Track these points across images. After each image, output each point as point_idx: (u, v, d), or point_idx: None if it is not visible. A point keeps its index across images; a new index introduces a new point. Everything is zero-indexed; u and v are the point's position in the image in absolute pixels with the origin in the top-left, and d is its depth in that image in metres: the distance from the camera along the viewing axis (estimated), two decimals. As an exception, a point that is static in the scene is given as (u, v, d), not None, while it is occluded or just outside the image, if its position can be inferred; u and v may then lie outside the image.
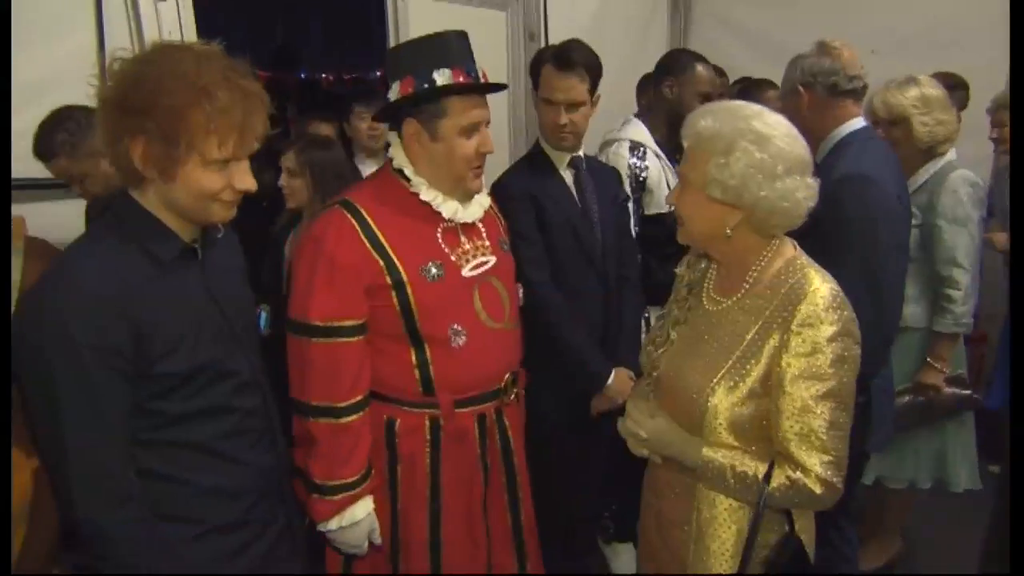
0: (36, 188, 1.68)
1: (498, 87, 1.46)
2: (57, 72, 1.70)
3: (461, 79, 1.35)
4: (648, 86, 2.87)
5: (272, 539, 1.19)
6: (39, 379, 0.98)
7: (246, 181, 1.06)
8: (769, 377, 1.08)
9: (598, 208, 1.88)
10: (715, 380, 1.12)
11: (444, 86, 1.34)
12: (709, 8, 3.40)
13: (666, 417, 1.18)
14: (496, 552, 1.56)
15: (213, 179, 1.03)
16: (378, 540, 1.44)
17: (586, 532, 2.17)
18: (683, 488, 1.19)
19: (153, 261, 1.05)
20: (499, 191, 1.82)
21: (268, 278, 2.11)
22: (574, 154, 1.87)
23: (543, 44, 2.75)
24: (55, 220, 1.31)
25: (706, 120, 1.10)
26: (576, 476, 1.95)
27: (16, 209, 1.27)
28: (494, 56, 2.71)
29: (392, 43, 2.35)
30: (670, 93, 2.19)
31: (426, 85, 1.35)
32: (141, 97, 0.97)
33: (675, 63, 2.25)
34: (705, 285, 1.24)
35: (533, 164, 1.89)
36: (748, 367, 1.10)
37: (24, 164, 1.63)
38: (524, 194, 1.79)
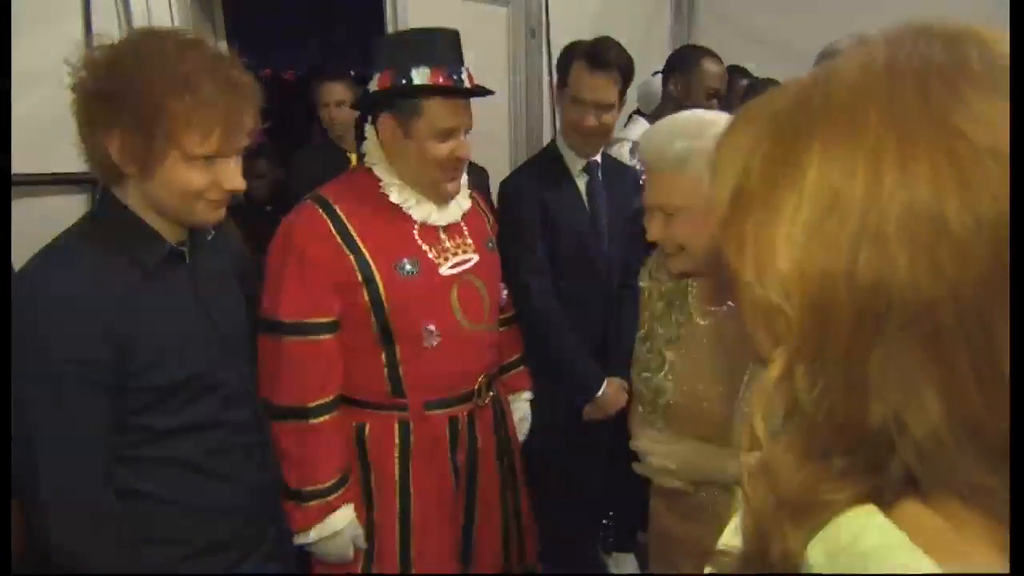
0: (30, 184, 1.62)
1: (483, 92, 1.38)
2: (43, 63, 1.63)
3: (440, 80, 1.30)
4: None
5: (261, 560, 1.15)
6: (14, 395, 0.92)
7: (234, 180, 0.99)
8: None
9: (607, 218, 1.83)
10: (741, 393, 1.07)
11: (420, 86, 1.29)
12: (712, 6, 3.36)
13: (688, 440, 1.13)
14: (482, 558, 1.52)
15: (196, 176, 0.96)
16: (363, 545, 1.40)
17: (585, 543, 2.13)
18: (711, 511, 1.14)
19: (137, 266, 0.99)
20: (508, 190, 1.78)
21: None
22: (591, 158, 1.83)
23: (544, 41, 2.70)
24: (51, 216, 1.25)
25: (680, 141, 1.03)
26: (574, 486, 1.91)
27: (15, 204, 1.21)
28: (494, 52, 2.66)
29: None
30: (676, 90, 2.15)
31: (403, 81, 1.30)
32: (117, 85, 0.91)
33: (681, 60, 2.21)
34: (689, 297, 1.18)
35: (546, 166, 1.84)
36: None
37: (21, 157, 1.57)
38: (533, 197, 1.75)
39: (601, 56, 1.71)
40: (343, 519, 1.35)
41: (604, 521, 2.23)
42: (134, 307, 0.97)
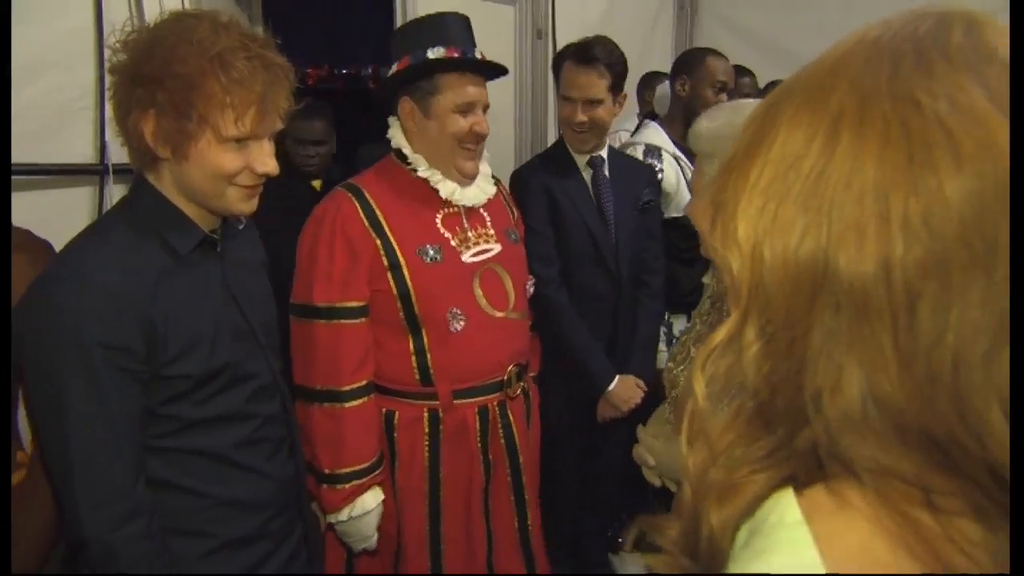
0: (37, 174, 1.61)
1: (495, 67, 1.43)
2: (54, 52, 1.63)
3: (456, 55, 1.34)
4: (648, 85, 2.86)
5: (288, 554, 1.14)
6: (44, 381, 0.91)
7: (267, 163, 0.99)
8: None
9: (615, 209, 1.85)
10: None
11: (436, 60, 1.33)
12: (714, 9, 3.39)
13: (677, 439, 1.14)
14: (500, 552, 1.53)
15: (229, 159, 0.95)
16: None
17: (596, 544, 2.13)
18: None
19: (170, 253, 0.98)
20: (516, 182, 1.80)
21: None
22: (594, 154, 1.85)
23: (551, 41, 2.71)
24: (57, 207, 1.24)
25: (707, 122, 1.05)
26: (585, 484, 1.92)
27: (21, 196, 1.20)
28: (501, 52, 2.65)
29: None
30: (683, 91, 2.17)
31: (418, 62, 1.34)
32: (152, 66, 0.90)
33: (685, 60, 2.23)
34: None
35: (553, 159, 1.87)
36: None
37: (27, 147, 1.55)
38: (540, 187, 1.77)
39: (587, 52, 1.74)
40: (374, 499, 1.37)
41: (616, 523, 2.23)
42: (167, 295, 0.96)
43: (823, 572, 0.39)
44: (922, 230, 0.36)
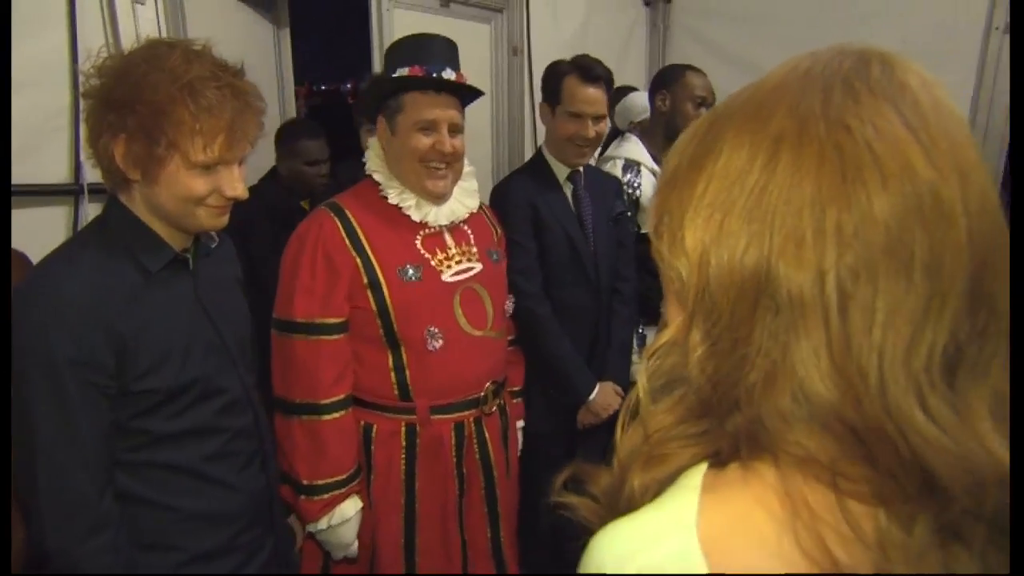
0: (16, 195, 1.61)
1: (464, 88, 1.43)
2: (29, 73, 1.64)
3: (419, 74, 1.36)
4: (617, 100, 2.91)
5: (257, 567, 1.15)
6: (14, 394, 0.92)
7: (236, 188, 1.01)
8: None
9: (592, 221, 1.89)
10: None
11: (397, 78, 1.36)
12: (685, 26, 3.47)
13: None
14: (475, 563, 1.55)
15: (198, 183, 0.98)
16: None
17: (575, 549, 2.15)
18: None
19: (140, 271, 1.00)
20: (498, 197, 1.83)
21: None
22: (574, 168, 1.89)
23: (526, 58, 2.76)
24: (32, 226, 1.24)
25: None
26: (564, 489, 1.93)
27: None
28: (477, 69, 2.70)
29: (376, 54, 2.33)
30: (664, 106, 2.22)
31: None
32: (123, 92, 0.93)
33: (665, 76, 2.29)
34: None
35: (535, 173, 1.90)
36: None
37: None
38: (523, 201, 1.80)
39: (592, 70, 1.79)
40: (352, 508, 1.39)
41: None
42: (137, 311, 0.98)
43: (694, 525, 0.44)
44: (854, 240, 0.41)
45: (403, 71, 1.36)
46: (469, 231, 1.52)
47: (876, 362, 0.40)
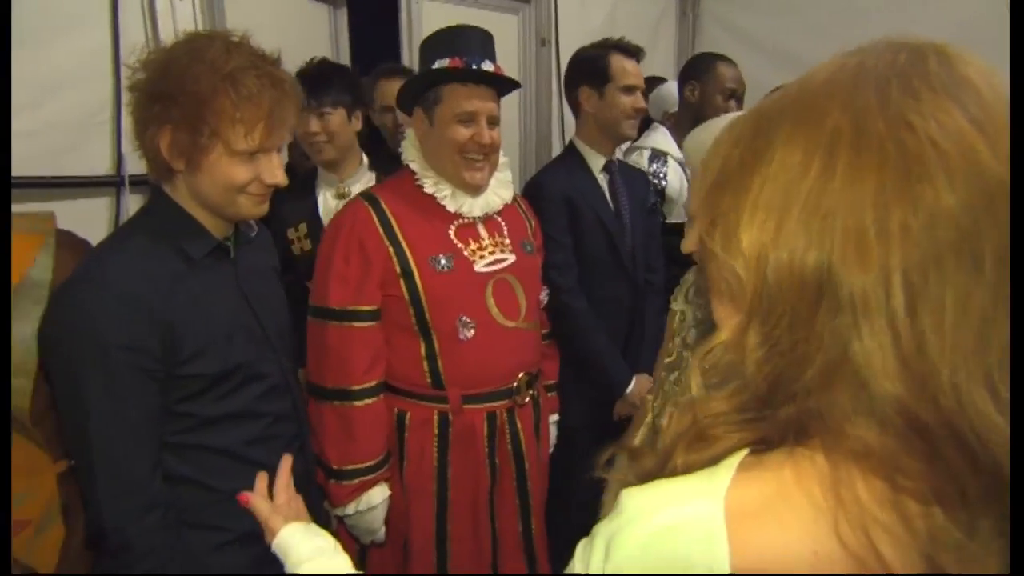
0: (58, 186, 1.67)
1: (502, 80, 1.45)
2: (73, 70, 1.70)
3: (459, 66, 1.38)
4: (650, 90, 2.90)
5: None
6: (67, 380, 0.96)
7: (276, 175, 1.04)
8: None
9: (629, 212, 1.90)
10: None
11: (436, 71, 1.38)
12: (716, 15, 3.42)
13: None
14: (504, 555, 1.56)
15: (239, 170, 1.01)
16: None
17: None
18: None
19: (184, 258, 1.03)
20: (533, 191, 1.84)
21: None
22: (609, 157, 1.90)
23: (554, 49, 2.76)
24: (77, 217, 1.29)
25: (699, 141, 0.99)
26: (600, 486, 1.95)
27: (43, 206, 1.26)
28: (505, 60, 2.69)
29: (405, 47, 2.35)
30: (693, 96, 2.21)
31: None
32: (167, 84, 0.96)
33: (695, 66, 2.28)
34: None
35: (569, 165, 1.91)
36: None
37: (48, 160, 1.62)
38: (559, 196, 1.81)
39: (631, 45, 1.89)
40: (380, 495, 1.41)
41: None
42: (181, 299, 1.01)
43: (722, 494, 0.46)
44: (922, 238, 0.40)
45: (442, 62, 1.38)
46: (503, 222, 1.53)
47: (949, 358, 0.40)
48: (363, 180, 1.88)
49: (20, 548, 1.08)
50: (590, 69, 1.90)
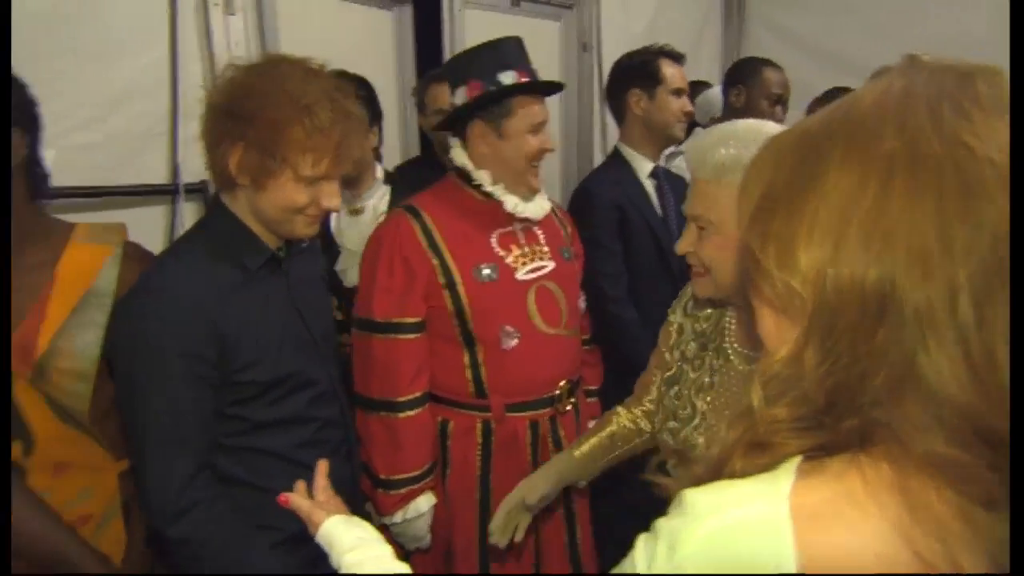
0: (120, 195, 1.75)
1: (558, 86, 1.54)
2: (135, 84, 1.78)
3: (526, 79, 1.41)
4: (694, 95, 2.86)
5: None
6: (126, 384, 1.01)
7: (332, 201, 1.08)
8: None
9: (676, 218, 1.89)
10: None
11: (511, 86, 1.40)
12: (762, 16, 3.36)
13: None
14: (549, 563, 1.56)
15: (300, 194, 1.05)
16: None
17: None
18: None
19: (241, 268, 1.07)
20: (582, 199, 1.84)
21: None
22: (656, 162, 1.89)
23: (596, 55, 2.75)
24: (136, 224, 1.35)
25: (725, 148, 0.96)
26: (642, 494, 1.93)
27: (105, 215, 1.32)
28: (546, 66, 2.72)
29: (447, 53, 2.38)
30: (738, 101, 2.19)
31: (492, 87, 1.39)
32: (246, 105, 1.00)
33: (741, 71, 2.25)
34: (727, 338, 1.10)
35: (616, 171, 1.91)
36: None
37: (110, 171, 1.70)
38: (609, 202, 1.81)
39: (675, 52, 1.91)
40: (426, 503, 1.43)
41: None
42: (237, 309, 1.05)
43: (786, 496, 0.47)
44: (988, 255, 0.42)
45: (507, 76, 1.40)
46: (539, 231, 1.54)
47: (1005, 369, 0.41)
48: (377, 195, 1.89)
49: None
50: (640, 72, 1.91)
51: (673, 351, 1.17)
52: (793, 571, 0.45)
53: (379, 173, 1.93)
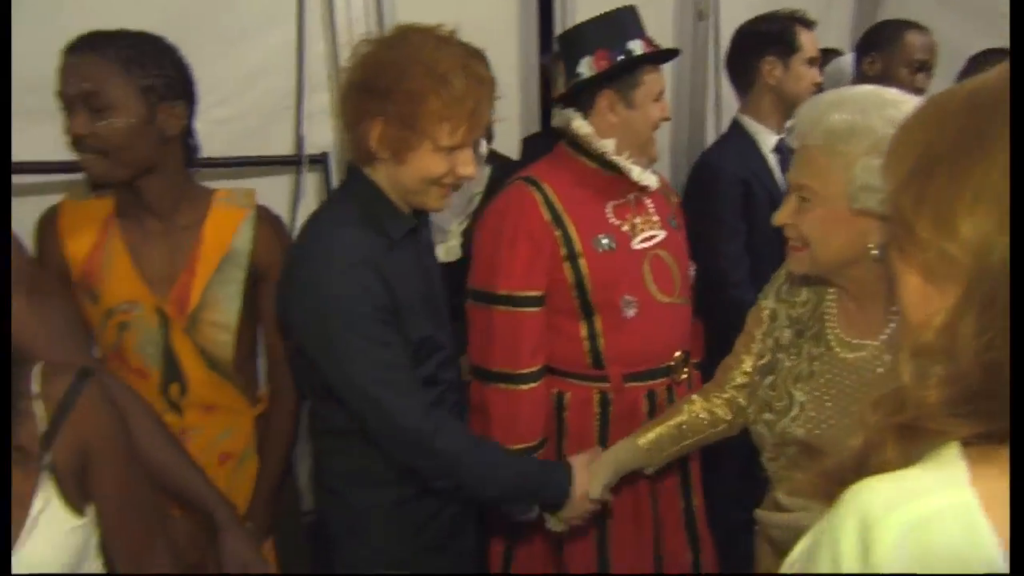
0: (252, 165, 1.90)
1: (675, 53, 1.58)
2: (265, 62, 1.91)
3: (653, 49, 1.41)
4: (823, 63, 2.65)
5: (449, 514, 1.24)
6: (333, 349, 1.05)
7: (468, 168, 1.09)
8: None
9: None
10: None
11: (642, 55, 1.39)
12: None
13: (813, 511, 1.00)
14: (667, 535, 1.55)
15: (439, 164, 1.07)
16: None
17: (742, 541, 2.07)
18: None
19: (384, 237, 1.11)
20: (705, 173, 1.80)
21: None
22: (780, 135, 1.81)
23: (713, 23, 2.62)
24: (266, 193, 1.46)
25: (839, 114, 0.90)
26: (744, 482, 1.86)
27: (236, 183, 1.46)
28: (658, 35, 2.61)
29: (559, 25, 2.36)
30: (872, 69, 2.02)
31: (620, 57, 1.39)
32: (383, 81, 1.02)
33: (877, 35, 2.07)
34: (827, 324, 1.03)
35: (738, 144, 1.84)
36: None
37: (241, 143, 1.85)
38: (734, 178, 1.74)
39: (807, 17, 1.84)
40: None
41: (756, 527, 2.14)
42: (387, 273, 1.08)
43: (967, 484, 0.46)
44: None
45: (636, 45, 1.40)
46: (648, 200, 1.53)
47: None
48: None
49: (224, 479, 1.26)
50: (777, 38, 1.82)
51: (766, 339, 1.12)
52: (999, 560, 0.43)
53: (483, 149, 1.92)
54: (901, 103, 0.90)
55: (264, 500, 1.29)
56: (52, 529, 0.82)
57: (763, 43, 1.83)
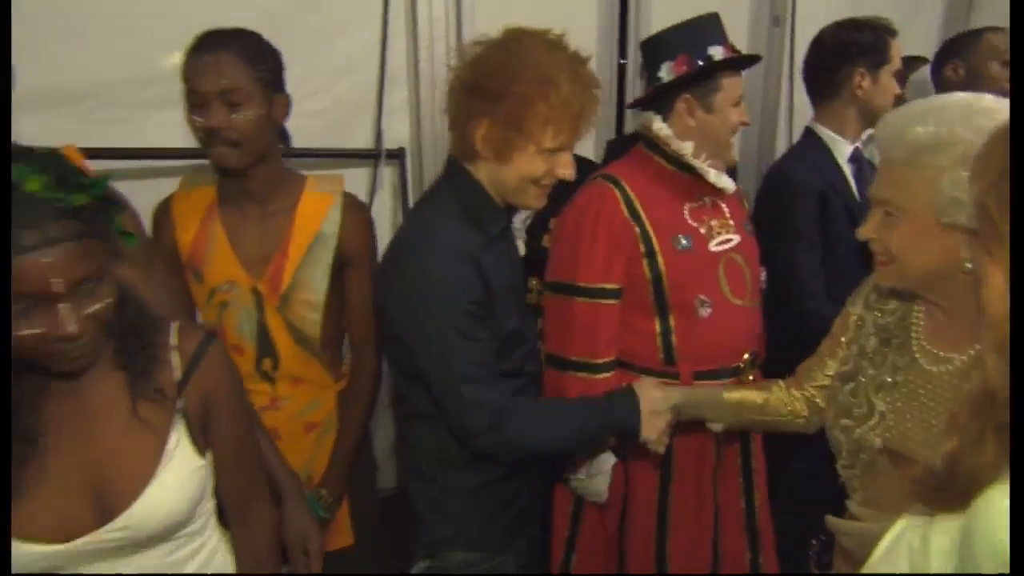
0: (335, 156, 1.98)
1: (756, 59, 1.59)
2: (351, 60, 2.01)
3: (734, 55, 1.44)
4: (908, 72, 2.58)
5: (525, 499, 1.29)
6: (430, 339, 1.10)
7: (567, 170, 1.12)
8: None
9: None
10: None
11: (723, 60, 1.42)
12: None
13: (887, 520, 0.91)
14: (726, 534, 1.56)
15: (540, 165, 1.10)
16: None
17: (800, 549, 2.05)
18: None
19: (482, 232, 1.14)
20: (779, 182, 1.78)
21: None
22: (856, 145, 1.78)
23: (789, 30, 2.58)
24: (347, 184, 1.55)
25: (923, 126, 0.88)
26: (805, 486, 1.84)
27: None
28: (733, 40, 2.60)
29: (633, 31, 2.37)
30: (956, 76, 1.95)
31: (700, 62, 1.42)
32: (493, 84, 1.05)
33: (957, 42, 2.01)
34: (913, 335, 1.01)
35: (813, 154, 1.81)
36: None
37: (326, 136, 1.95)
38: (811, 190, 1.73)
39: (892, 26, 1.80)
40: (609, 461, 1.47)
41: (813, 540, 2.10)
42: (484, 268, 1.12)
43: None
44: None
45: (716, 51, 1.43)
46: (724, 206, 1.55)
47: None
48: None
49: (307, 448, 1.35)
50: (870, 48, 1.77)
51: (850, 345, 1.11)
52: None
53: None
54: (994, 111, 0.87)
55: (339, 468, 1.36)
56: (183, 464, 0.91)
57: (854, 52, 1.77)
